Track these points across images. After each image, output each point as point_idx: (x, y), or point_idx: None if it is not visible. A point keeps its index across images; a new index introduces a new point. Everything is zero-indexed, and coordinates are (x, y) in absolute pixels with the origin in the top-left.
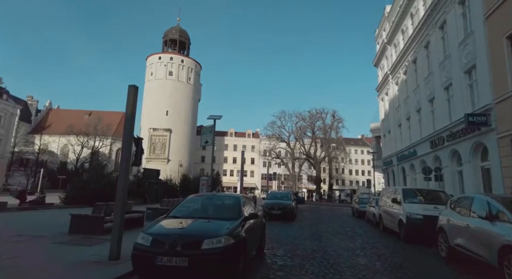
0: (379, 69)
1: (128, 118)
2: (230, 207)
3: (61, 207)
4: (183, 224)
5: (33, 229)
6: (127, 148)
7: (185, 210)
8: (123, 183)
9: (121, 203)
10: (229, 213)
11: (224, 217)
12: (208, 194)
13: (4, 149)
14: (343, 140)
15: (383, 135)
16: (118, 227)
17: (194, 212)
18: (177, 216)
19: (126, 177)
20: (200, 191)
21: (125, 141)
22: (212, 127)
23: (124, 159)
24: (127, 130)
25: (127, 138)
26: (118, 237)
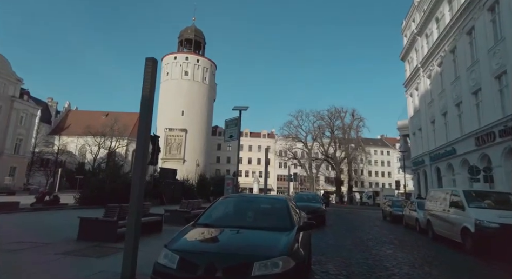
0: (407, 63)
1: (145, 99)
2: (276, 213)
3: (75, 208)
4: (221, 237)
5: (39, 234)
6: (144, 137)
7: (218, 215)
8: (139, 181)
9: (136, 208)
10: (277, 221)
11: (271, 227)
12: (245, 195)
13: (24, 149)
14: (362, 140)
15: (412, 133)
16: (133, 239)
17: (231, 218)
18: (210, 224)
19: (142, 172)
20: (225, 192)
21: (141, 129)
22: (237, 120)
23: (140, 151)
24: (144, 114)
25: (144, 125)
26: (132, 254)
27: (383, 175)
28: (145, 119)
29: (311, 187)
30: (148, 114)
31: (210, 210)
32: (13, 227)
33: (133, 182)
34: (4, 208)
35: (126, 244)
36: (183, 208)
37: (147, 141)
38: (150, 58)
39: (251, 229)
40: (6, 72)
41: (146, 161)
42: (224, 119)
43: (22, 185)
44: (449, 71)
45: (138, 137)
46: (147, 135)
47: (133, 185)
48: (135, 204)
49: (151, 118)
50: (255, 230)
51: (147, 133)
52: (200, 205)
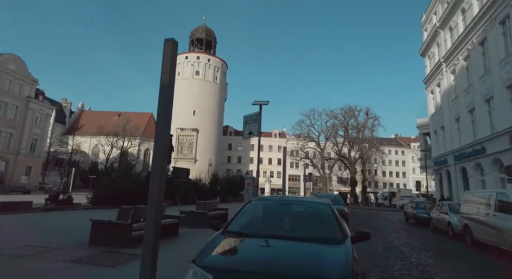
0: (428, 58)
1: (164, 86)
2: (322, 220)
3: (88, 208)
4: (261, 250)
5: (49, 237)
6: (164, 129)
7: (252, 222)
8: (159, 178)
9: (156, 211)
10: (324, 230)
11: (318, 238)
12: (280, 198)
13: (40, 149)
14: (376, 140)
15: (433, 131)
16: (151, 247)
17: (267, 226)
18: (243, 233)
19: (162, 169)
20: (245, 192)
21: (161, 120)
22: (257, 115)
23: (160, 144)
24: (163, 103)
25: (164, 115)
26: (151, 264)
27: (397, 176)
28: (165, 108)
29: (324, 187)
30: (168, 103)
31: (241, 214)
32: (25, 229)
33: (152, 180)
34: (17, 208)
35: (144, 253)
36: (200, 209)
37: (167, 133)
38: (170, 39)
39: (294, 240)
40: (22, 72)
41: (167, 156)
42: (243, 115)
43: (37, 184)
44: (477, 65)
45: (157, 129)
46: (167, 126)
47: (152, 184)
48: (154, 206)
49: (171, 108)
50: (299, 241)
51: (167, 124)
52: (216, 206)
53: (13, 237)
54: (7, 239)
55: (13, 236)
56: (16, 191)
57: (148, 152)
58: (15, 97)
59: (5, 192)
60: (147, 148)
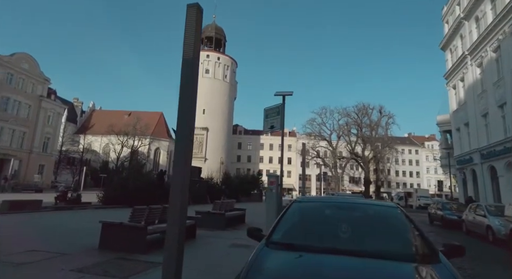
0: (449, 52)
1: (188, 62)
2: (395, 228)
3: (98, 208)
4: (325, 272)
5: (56, 240)
6: (188, 115)
7: (303, 230)
8: (184, 171)
9: (180, 213)
10: (404, 242)
11: (399, 254)
12: (332, 200)
13: (52, 148)
14: (388, 138)
15: (455, 129)
16: (175, 257)
17: (325, 236)
18: (295, 245)
19: (186, 158)
20: (268, 191)
21: (184, 103)
22: (280, 107)
23: (184, 133)
24: (186, 82)
25: (187, 97)
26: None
27: (410, 175)
28: (189, 89)
29: (336, 187)
30: (192, 82)
31: (285, 220)
32: (31, 230)
33: (176, 174)
34: (27, 207)
35: (166, 266)
36: (217, 209)
37: (191, 120)
38: (194, 5)
39: (367, 257)
40: (34, 72)
41: (191, 146)
42: (264, 108)
43: (50, 182)
44: (508, 56)
45: (180, 115)
46: (191, 112)
47: (176, 179)
48: (178, 207)
49: (196, 88)
50: (375, 258)
51: (191, 105)
52: (233, 206)
53: (16, 240)
54: (9, 242)
55: (16, 238)
56: (29, 189)
57: (158, 151)
58: (28, 96)
59: (18, 190)
60: (157, 147)
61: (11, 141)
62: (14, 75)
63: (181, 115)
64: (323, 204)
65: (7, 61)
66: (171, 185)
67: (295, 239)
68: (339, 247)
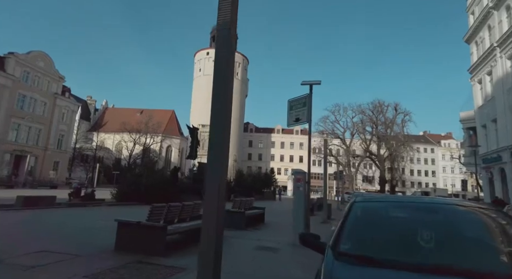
0: (474, 45)
1: (223, 35)
2: (500, 241)
3: (112, 205)
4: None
5: (68, 239)
6: (225, 96)
7: (376, 238)
8: (221, 163)
9: (218, 211)
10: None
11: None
12: (404, 199)
13: (66, 145)
14: (403, 137)
15: (481, 125)
16: (212, 272)
17: (409, 247)
18: (373, 259)
19: (223, 147)
20: (294, 189)
21: (220, 77)
22: (307, 98)
23: (220, 120)
24: (221, 54)
25: (223, 67)
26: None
27: (426, 174)
28: (224, 62)
29: (350, 186)
30: (229, 54)
31: (351, 224)
32: (43, 227)
33: (210, 165)
34: (41, 203)
35: (201, 275)
36: (236, 208)
37: (229, 104)
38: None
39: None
40: (50, 70)
41: (228, 135)
42: (287, 99)
43: (64, 179)
44: None
45: (214, 96)
46: (229, 91)
47: (211, 181)
48: (216, 203)
49: (233, 63)
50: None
51: (229, 85)
52: (252, 204)
53: (28, 238)
54: (20, 241)
55: (28, 237)
56: (44, 185)
57: (170, 149)
58: (43, 93)
59: (34, 186)
60: (169, 145)
61: (27, 138)
62: (30, 73)
63: (216, 102)
64: (394, 205)
65: (24, 59)
66: (206, 188)
67: (370, 250)
68: (426, 262)
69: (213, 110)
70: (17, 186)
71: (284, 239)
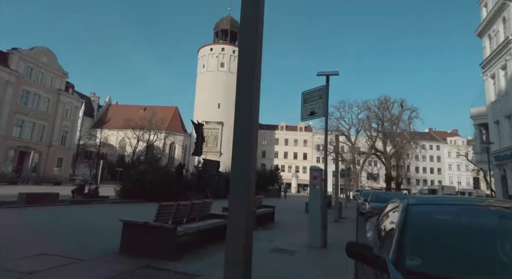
0: (487, 38)
1: (248, 40)
2: None
3: (116, 202)
4: None
5: (70, 240)
6: (251, 82)
7: (451, 255)
8: (250, 155)
9: (246, 225)
10: None
11: None
12: (467, 201)
13: (70, 141)
14: (408, 133)
15: (493, 121)
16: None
17: (493, 265)
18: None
19: (251, 138)
20: (310, 187)
21: (246, 55)
22: (323, 90)
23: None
24: (247, 40)
25: (248, 59)
26: None
27: (431, 172)
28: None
29: (355, 184)
30: (257, 17)
31: (417, 235)
32: (44, 227)
33: (237, 174)
34: (43, 201)
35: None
36: None
37: (256, 92)
38: None
39: None
40: (53, 65)
41: (257, 124)
42: (302, 91)
43: (68, 175)
44: None
45: (239, 83)
46: (256, 77)
47: (237, 182)
48: (244, 213)
49: (261, 42)
50: None
51: (256, 66)
52: (261, 203)
53: (28, 239)
54: (20, 242)
55: (28, 238)
56: (48, 182)
57: (174, 146)
58: (47, 89)
59: (37, 182)
60: (172, 141)
61: (31, 135)
62: (34, 69)
63: (241, 91)
64: (457, 209)
65: (27, 54)
66: (231, 188)
67: (447, 268)
68: None
69: (238, 96)
70: (20, 182)
71: (299, 240)
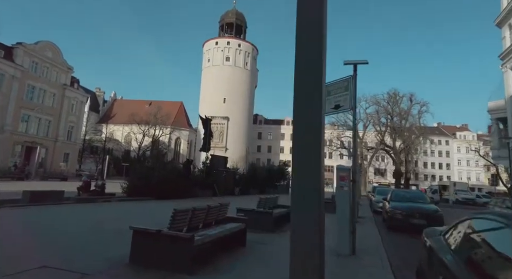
0: (507, 28)
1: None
2: None
3: (122, 200)
4: None
5: (74, 248)
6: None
7: None
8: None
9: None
10: None
11: None
12: None
13: (76, 136)
14: (417, 128)
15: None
16: None
17: None
18: None
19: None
20: (337, 188)
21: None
22: (349, 81)
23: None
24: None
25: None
26: None
27: (440, 167)
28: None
29: (363, 179)
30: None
31: None
32: (47, 231)
33: (300, 161)
34: (48, 199)
35: None
36: (261, 207)
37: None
38: None
39: None
40: (58, 60)
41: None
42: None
43: (75, 171)
44: None
45: (298, 57)
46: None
47: (300, 181)
48: (317, 218)
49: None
50: None
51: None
52: (276, 202)
53: (27, 248)
54: (20, 250)
55: (29, 244)
56: (54, 177)
57: (179, 141)
58: (52, 84)
59: (44, 178)
60: (178, 137)
61: (38, 130)
62: (39, 63)
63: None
64: None
65: (32, 49)
66: (293, 192)
67: None
68: None
69: (298, 77)
70: (27, 178)
71: None
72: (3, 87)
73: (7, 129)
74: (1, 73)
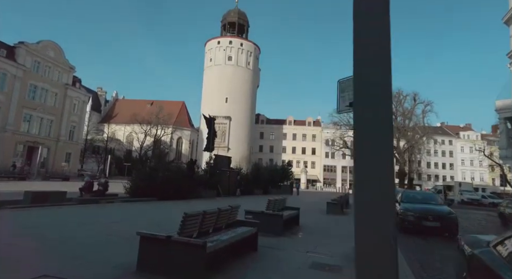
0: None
1: None
2: None
3: (125, 201)
4: None
5: (76, 254)
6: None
7: None
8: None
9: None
10: None
11: None
12: None
13: (77, 136)
14: (420, 128)
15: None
16: None
17: None
18: None
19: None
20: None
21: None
22: None
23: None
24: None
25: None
26: None
27: (443, 167)
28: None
29: None
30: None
31: None
32: (48, 235)
33: (362, 172)
34: (49, 200)
35: None
36: (270, 209)
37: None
38: None
39: None
40: (60, 60)
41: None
42: (338, 80)
43: (76, 170)
44: None
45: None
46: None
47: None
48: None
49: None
50: None
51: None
52: (285, 204)
53: (28, 254)
54: (20, 256)
55: (29, 250)
56: (56, 177)
57: (181, 141)
58: (54, 84)
59: (46, 178)
60: (180, 136)
61: (39, 130)
62: (41, 63)
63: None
64: None
65: (34, 48)
66: (356, 197)
67: None
68: None
69: (357, 64)
70: (28, 178)
71: (336, 249)
72: (5, 86)
73: (9, 129)
74: (4, 72)
